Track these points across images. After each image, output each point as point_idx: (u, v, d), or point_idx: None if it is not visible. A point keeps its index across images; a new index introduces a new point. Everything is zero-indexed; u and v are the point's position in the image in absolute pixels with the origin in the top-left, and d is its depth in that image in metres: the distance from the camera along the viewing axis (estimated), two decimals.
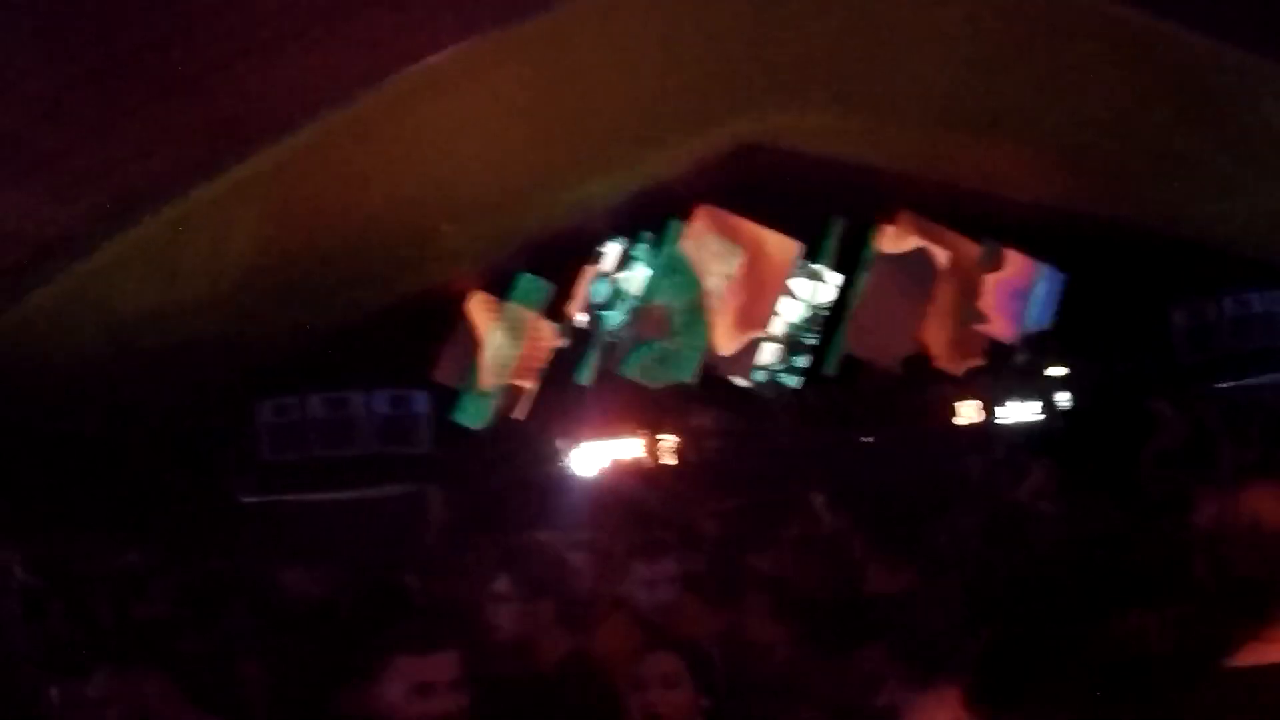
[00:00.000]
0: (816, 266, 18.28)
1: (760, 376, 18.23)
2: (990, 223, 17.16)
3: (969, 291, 17.67)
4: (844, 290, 18.26)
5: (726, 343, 17.85)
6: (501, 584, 6.67)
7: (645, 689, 5.05)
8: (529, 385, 17.75)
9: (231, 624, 7.54)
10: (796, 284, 18.25)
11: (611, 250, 18.08)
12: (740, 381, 18.04)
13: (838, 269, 18.30)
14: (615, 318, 17.99)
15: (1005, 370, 17.60)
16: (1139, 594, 5.85)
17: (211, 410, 15.20)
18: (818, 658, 5.52)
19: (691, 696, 4.99)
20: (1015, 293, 17.67)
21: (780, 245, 17.88)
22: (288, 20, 10.00)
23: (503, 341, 17.75)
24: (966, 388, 17.45)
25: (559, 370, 17.87)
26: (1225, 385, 16.24)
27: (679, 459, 17.43)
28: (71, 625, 7.77)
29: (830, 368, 18.04)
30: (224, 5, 9.74)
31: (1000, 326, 17.74)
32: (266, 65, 10.34)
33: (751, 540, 8.83)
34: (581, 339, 18.06)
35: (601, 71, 13.19)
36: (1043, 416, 17.05)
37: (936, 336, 17.78)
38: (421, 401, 16.58)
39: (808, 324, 18.41)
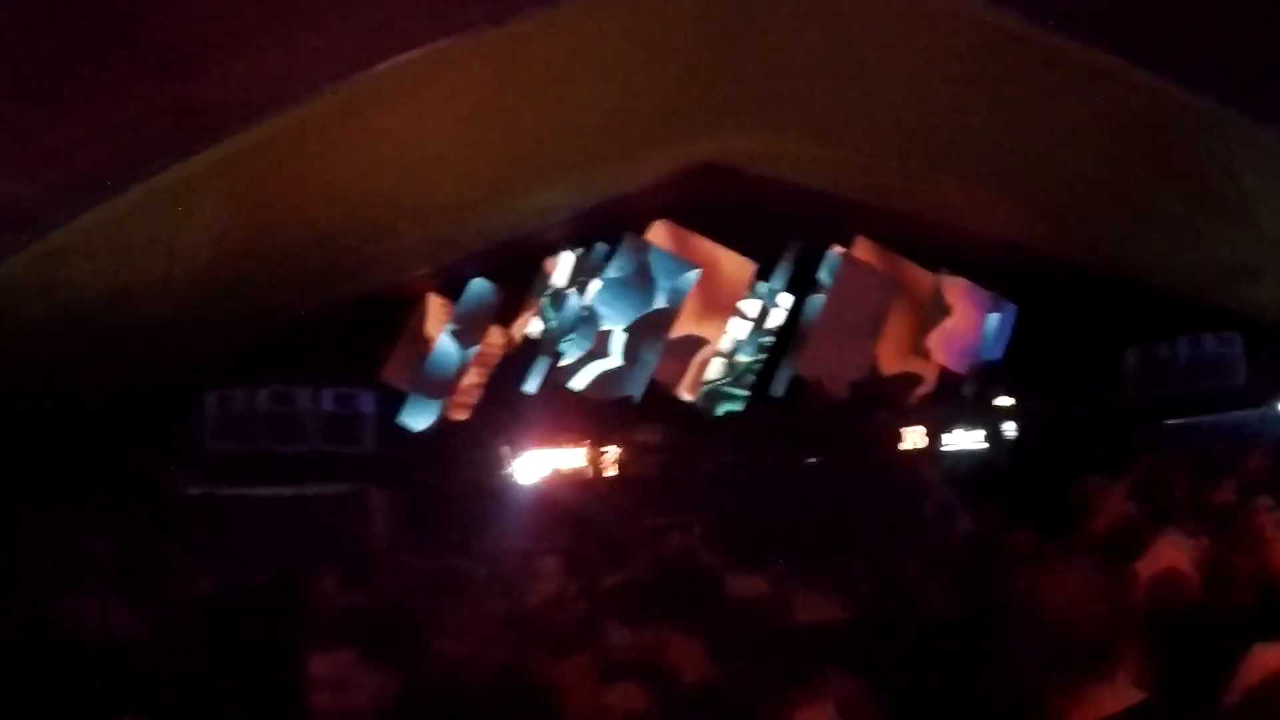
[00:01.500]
0: (770, 288, 18.31)
1: (707, 394, 18.23)
2: (946, 254, 17.24)
3: (921, 321, 17.76)
4: (795, 313, 18.30)
5: (675, 358, 17.87)
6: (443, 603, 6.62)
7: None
8: (475, 391, 17.70)
9: (168, 610, 7.44)
10: (748, 304, 18.27)
11: (565, 260, 18.05)
12: (687, 398, 18.04)
13: (791, 291, 18.33)
14: (565, 328, 17.96)
15: (954, 400, 17.65)
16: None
17: (159, 398, 15.07)
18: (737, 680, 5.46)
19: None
20: (968, 324, 17.77)
21: (735, 265, 17.92)
22: (258, 13, 9.93)
23: (451, 346, 17.69)
24: (914, 415, 17.46)
25: (505, 377, 17.82)
26: (1174, 423, 16.36)
27: (621, 472, 17.35)
28: (7, 607, 7.64)
29: (778, 389, 18.07)
30: None
31: (951, 356, 17.82)
32: (234, 56, 10.27)
33: (689, 558, 8.80)
34: (530, 347, 18.02)
35: (565, 82, 13.17)
36: (987, 448, 17.09)
37: (887, 363, 17.85)
38: (367, 401, 16.47)
39: (758, 344, 18.42)
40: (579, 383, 17.80)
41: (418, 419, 17.41)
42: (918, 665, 5.20)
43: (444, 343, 17.69)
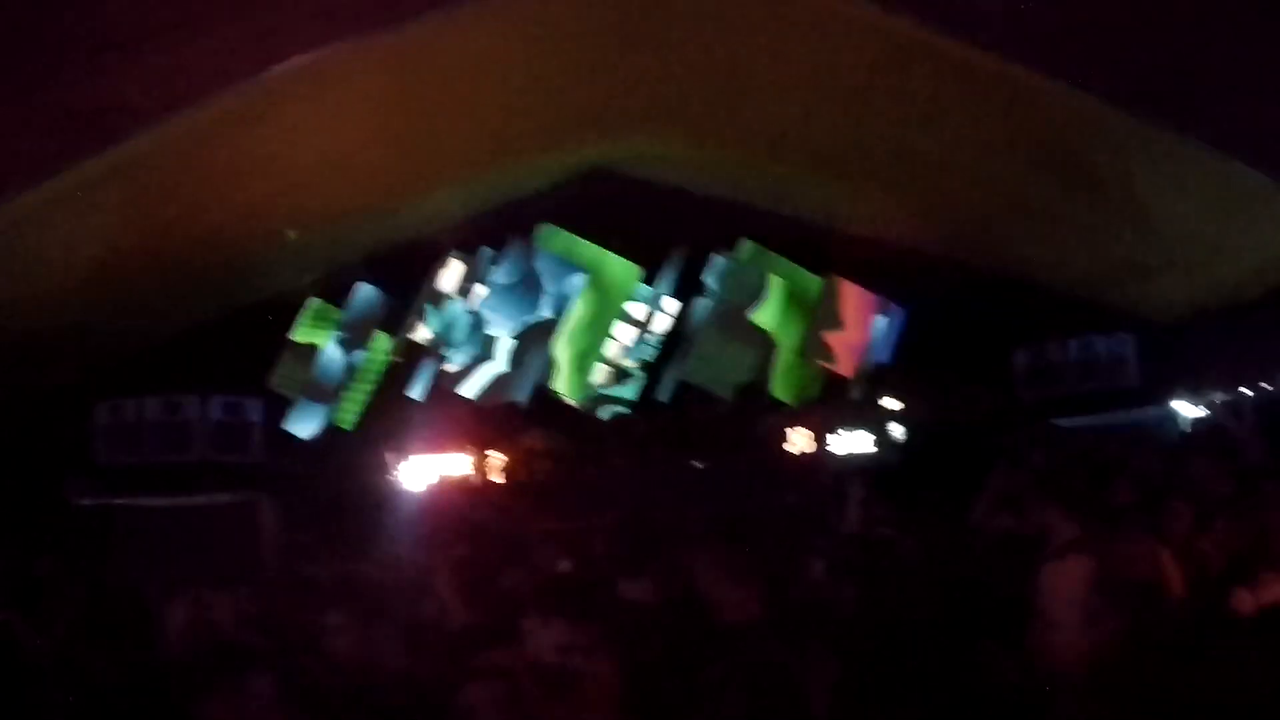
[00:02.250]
0: (656, 292, 18.37)
1: (594, 399, 18.25)
2: (834, 257, 17.39)
3: (809, 324, 17.89)
4: (682, 317, 18.37)
5: (561, 363, 17.87)
6: (335, 611, 6.63)
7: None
8: (362, 397, 17.60)
9: (61, 624, 7.39)
10: (635, 309, 18.32)
11: (454, 266, 17.99)
12: (573, 403, 18.05)
13: (677, 296, 18.41)
14: (452, 334, 17.90)
15: (841, 402, 17.82)
16: (986, 626, 6.00)
17: (49, 409, 14.84)
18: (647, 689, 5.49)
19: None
20: (856, 326, 17.93)
21: (621, 269, 17.96)
22: (150, 18, 9.84)
23: (337, 352, 17.58)
24: (800, 418, 17.62)
25: (393, 384, 17.73)
26: (1064, 423, 16.61)
27: (508, 478, 17.36)
28: None
29: (664, 393, 18.14)
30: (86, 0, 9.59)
31: (839, 360, 17.98)
32: (125, 62, 10.15)
33: (582, 563, 8.85)
34: (418, 353, 17.94)
35: (458, 87, 13.15)
36: (876, 450, 17.29)
37: (773, 366, 17.97)
38: (255, 409, 16.33)
39: (644, 349, 18.48)
40: (466, 389, 17.75)
41: (305, 426, 17.27)
42: (833, 662, 5.27)
43: (330, 349, 17.56)
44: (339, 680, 5.97)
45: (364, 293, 17.71)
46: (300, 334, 17.46)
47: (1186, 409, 16.39)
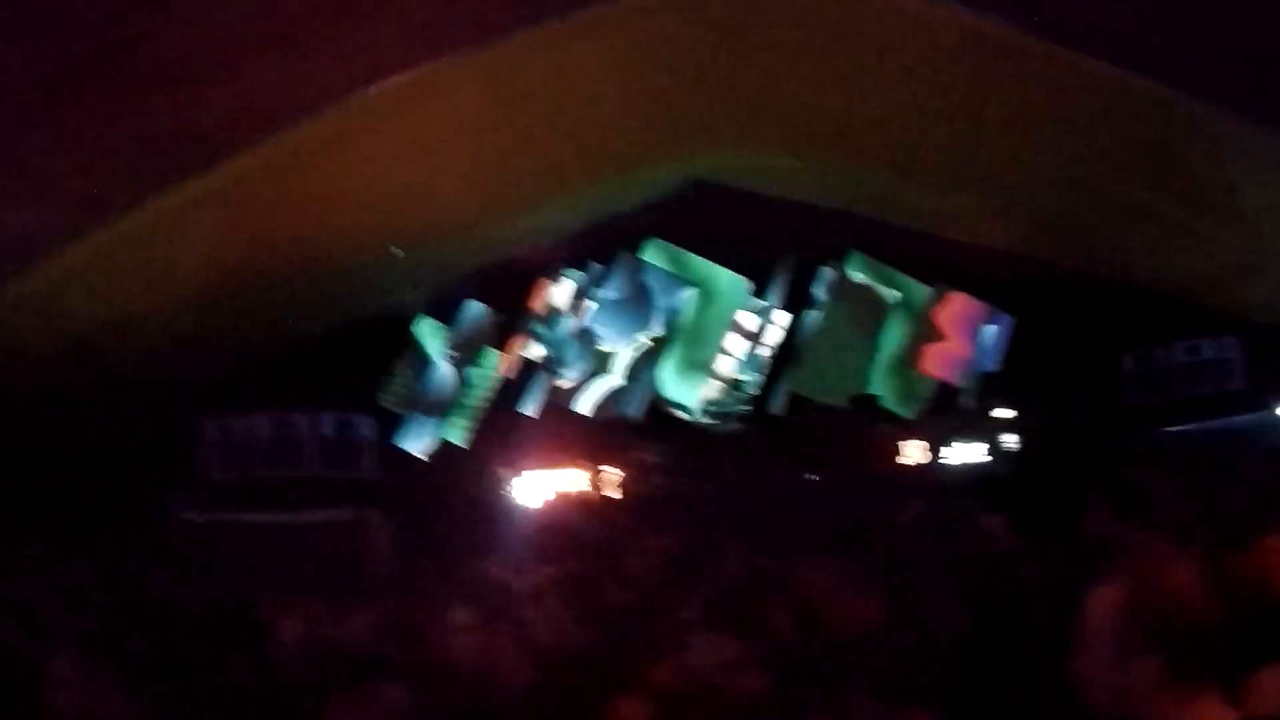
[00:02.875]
0: (765, 304, 18.29)
1: (707, 413, 18.20)
2: (939, 265, 17.24)
3: (917, 333, 17.74)
4: (792, 329, 18.28)
5: (673, 378, 17.85)
6: (460, 614, 6.62)
7: None
8: (475, 413, 17.67)
9: (171, 638, 7.45)
10: (745, 321, 18.24)
11: (561, 282, 18.03)
12: (686, 417, 18.01)
13: (786, 308, 18.31)
14: (563, 349, 17.94)
15: (952, 413, 17.65)
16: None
17: (158, 425, 15.05)
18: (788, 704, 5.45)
19: None
20: (964, 336, 17.75)
21: (730, 283, 17.91)
22: (250, 37, 9.96)
23: (448, 369, 17.67)
24: (913, 429, 17.48)
25: (505, 400, 17.79)
26: (1173, 429, 16.38)
27: (623, 493, 17.37)
28: (15, 638, 7.63)
29: (777, 406, 18.05)
30: (188, 18, 9.69)
31: (948, 369, 17.80)
32: (227, 80, 10.29)
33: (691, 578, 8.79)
34: (528, 369, 17.99)
35: (553, 101, 13.20)
36: (989, 460, 17.13)
37: (884, 377, 17.84)
38: (366, 425, 16.46)
39: (755, 362, 18.40)
40: (579, 404, 17.78)
41: (416, 443, 17.38)
42: (944, 677, 5.20)
43: (441, 366, 17.66)
44: (465, 692, 5.98)
45: (472, 309, 17.79)
46: (410, 351, 17.58)
47: None
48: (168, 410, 15.25)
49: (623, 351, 17.84)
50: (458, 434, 17.60)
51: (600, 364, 17.86)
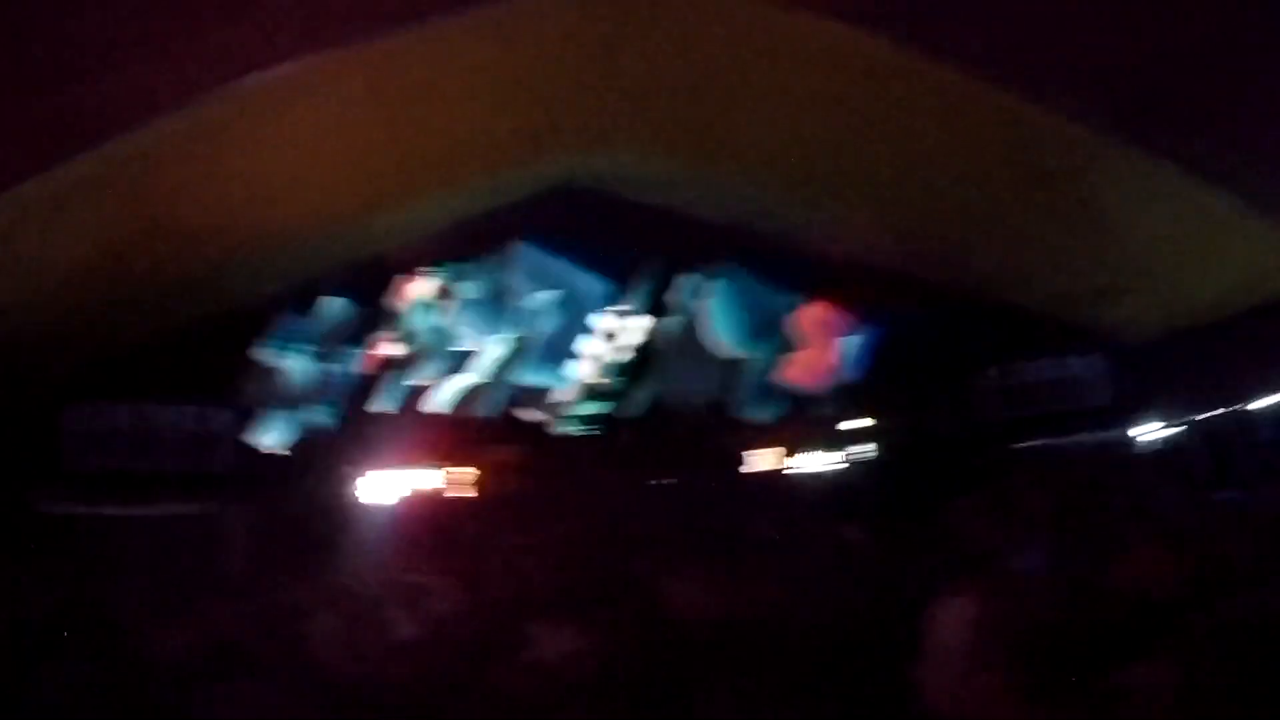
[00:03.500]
0: (627, 308, 18.38)
1: (564, 415, 18.25)
2: (806, 275, 17.42)
3: (779, 341, 17.93)
4: (652, 334, 18.39)
5: (532, 378, 17.89)
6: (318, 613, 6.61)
7: None
8: (333, 408, 17.56)
9: (31, 633, 7.35)
10: (606, 325, 18.33)
11: (426, 279, 17.99)
12: (543, 418, 18.05)
13: (648, 313, 18.42)
14: (423, 347, 17.90)
15: (810, 420, 17.85)
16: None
17: (18, 414, 14.77)
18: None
19: None
20: (827, 345, 17.96)
21: (593, 285, 17.99)
22: (133, 22, 9.83)
23: (308, 363, 17.54)
24: (770, 435, 17.66)
25: (362, 396, 17.71)
26: (1031, 445, 16.66)
27: (476, 493, 17.36)
28: None
29: (634, 409, 18.15)
30: (70, 5, 9.56)
31: (811, 377, 18.00)
32: (108, 66, 10.14)
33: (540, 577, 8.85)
34: (388, 366, 17.92)
35: (432, 100, 13.16)
36: (845, 468, 17.34)
37: (743, 383, 18.00)
38: (226, 418, 16.28)
39: (615, 365, 18.48)
40: (436, 403, 17.75)
41: (273, 437, 17.23)
42: (796, 679, 5.28)
43: (300, 360, 17.52)
44: (328, 690, 5.97)
45: (335, 304, 17.67)
46: (270, 344, 17.42)
47: (1153, 429, 16.45)
48: (29, 400, 14.99)
49: (483, 350, 17.86)
50: (316, 429, 17.48)
51: (459, 362, 17.86)
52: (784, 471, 17.60)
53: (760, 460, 17.45)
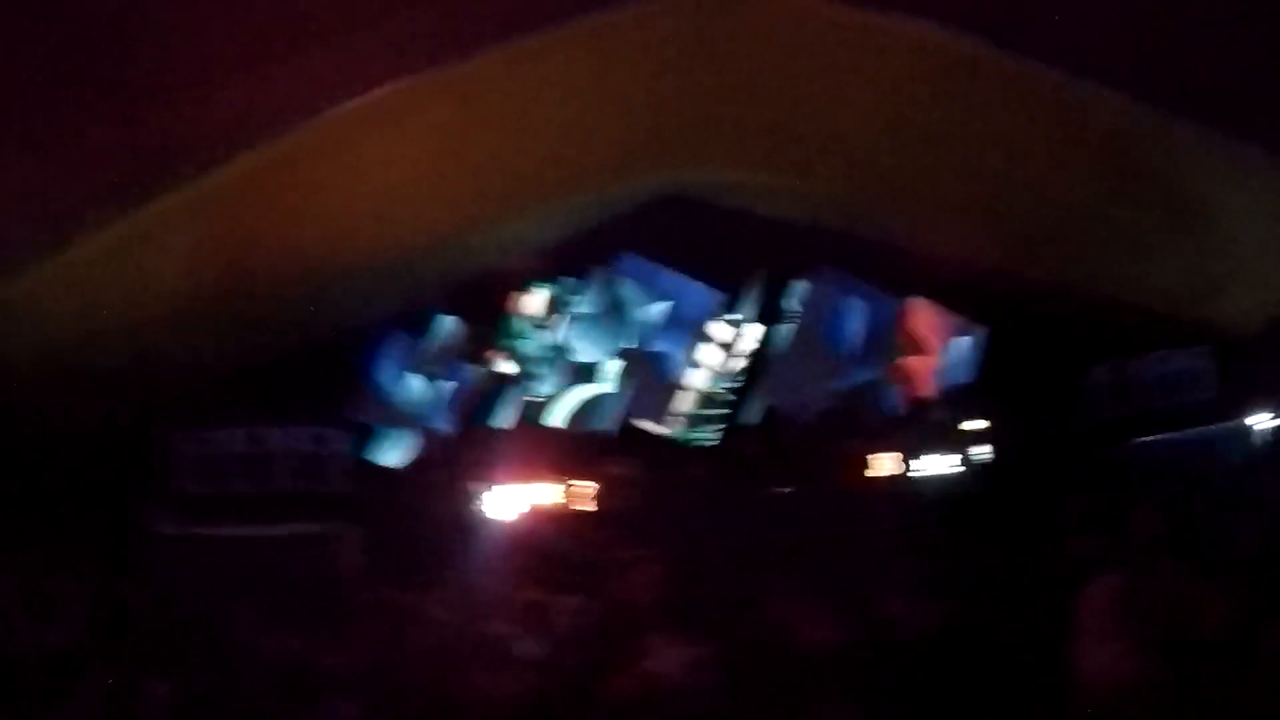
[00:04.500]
0: (738, 318, 18.32)
1: (679, 426, 18.20)
2: (912, 279, 17.27)
3: (890, 346, 17.79)
4: (764, 342, 18.31)
5: (647, 389, 17.87)
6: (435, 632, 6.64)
7: None
8: (447, 426, 17.64)
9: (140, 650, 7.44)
10: (718, 335, 18.27)
11: (535, 294, 18.04)
12: (658, 430, 18.02)
13: (760, 321, 18.35)
14: (536, 362, 17.96)
15: (924, 424, 17.65)
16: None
17: (133, 438, 14.98)
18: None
19: None
20: (936, 348, 17.78)
21: (703, 296, 17.96)
22: (224, 52, 9.95)
23: (420, 381, 17.65)
24: (885, 441, 17.47)
25: (477, 413, 17.79)
26: (1143, 441, 16.39)
27: (596, 506, 17.32)
28: None
29: (749, 419, 18.08)
30: (164, 33, 9.68)
31: (920, 381, 17.84)
32: (201, 96, 10.28)
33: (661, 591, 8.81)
34: (501, 382, 18.00)
35: (529, 116, 13.20)
36: (959, 472, 17.12)
37: (856, 389, 17.87)
38: (339, 439, 16.38)
39: (727, 375, 18.42)
40: (552, 418, 17.80)
41: (388, 456, 17.33)
42: (906, 686, 5.22)
43: (413, 379, 17.62)
44: (422, 707, 5.98)
45: (445, 322, 17.77)
46: (383, 364, 17.54)
47: (1262, 421, 16.11)
48: (142, 423, 15.20)
49: (596, 364, 17.89)
50: (431, 446, 17.56)
51: (573, 377, 17.90)
52: (903, 476, 17.40)
53: (878, 466, 17.25)
